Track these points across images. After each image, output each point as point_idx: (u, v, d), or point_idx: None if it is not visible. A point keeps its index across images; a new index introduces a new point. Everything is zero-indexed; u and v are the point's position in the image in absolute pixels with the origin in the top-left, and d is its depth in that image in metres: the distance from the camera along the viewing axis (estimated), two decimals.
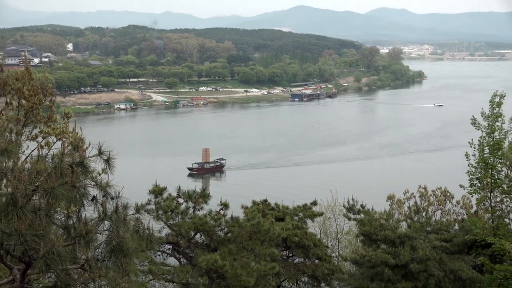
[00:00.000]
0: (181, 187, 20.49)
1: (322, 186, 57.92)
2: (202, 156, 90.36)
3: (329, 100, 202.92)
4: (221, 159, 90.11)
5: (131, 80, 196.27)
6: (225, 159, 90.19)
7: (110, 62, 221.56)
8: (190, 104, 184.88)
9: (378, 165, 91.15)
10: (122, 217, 7.22)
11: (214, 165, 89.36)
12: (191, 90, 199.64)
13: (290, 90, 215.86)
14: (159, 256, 20.54)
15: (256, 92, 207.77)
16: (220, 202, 20.49)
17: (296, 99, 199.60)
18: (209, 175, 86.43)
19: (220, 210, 20.23)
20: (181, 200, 20.33)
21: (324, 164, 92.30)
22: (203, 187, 21.82)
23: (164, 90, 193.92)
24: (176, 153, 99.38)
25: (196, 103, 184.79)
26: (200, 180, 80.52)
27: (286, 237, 21.62)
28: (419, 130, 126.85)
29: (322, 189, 43.60)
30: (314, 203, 25.59)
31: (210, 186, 70.94)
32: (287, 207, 24.57)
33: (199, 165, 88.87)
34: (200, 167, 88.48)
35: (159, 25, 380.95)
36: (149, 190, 20.06)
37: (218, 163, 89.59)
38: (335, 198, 32.85)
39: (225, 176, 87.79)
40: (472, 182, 20.78)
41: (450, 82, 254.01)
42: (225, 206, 20.38)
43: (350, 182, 67.86)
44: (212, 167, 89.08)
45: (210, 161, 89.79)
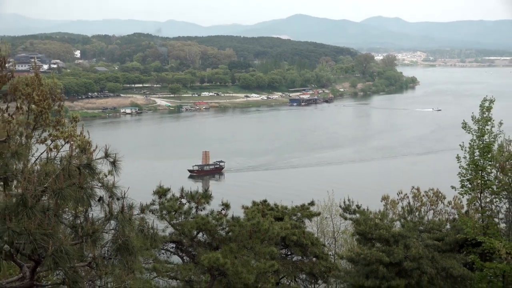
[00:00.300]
0: (184, 188, 20.74)
1: (319, 187, 57.88)
2: (202, 158, 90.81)
3: (326, 105, 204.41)
4: (220, 161, 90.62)
5: (136, 85, 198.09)
6: (224, 162, 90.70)
7: (116, 68, 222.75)
8: (192, 108, 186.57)
9: (373, 167, 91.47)
10: (128, 217, 7.31)
11: (213, 167, 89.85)
12: (194, 95, 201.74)
13: (288, 95, 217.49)
14: (163, 254, 20.65)
15: (256, 97, 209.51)
16: (221, 202, 20.67)
17: (294, 104, 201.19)
18: (209, 177, 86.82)
19: (221, 210, 20.39)
20: (184, 200, 20.49)
21: (321, 166, 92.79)
22: (205, 188, 21.99)
23: (168, 95, 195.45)
24: (178, 155, 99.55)
25: (198, 108, 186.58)
26: (200, 181, 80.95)
27: (285, 236, 21.74)
28: (413, 133, 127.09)
29: (319, 190, 43.94)
30: (312, 204, 25.74)
31: (211, 187, 71.26)
32: (286, 207, 24.68)
33: (199, 167, 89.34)
34: (200, 169, 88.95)
35: (163, 33, 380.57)
36: (153, 191, 20.24)
37: (218, 165, 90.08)
38: (332, 198, 33.45)
39: (224, 177, 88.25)
40: (463, 183, 21.22)
41: (442, 88, 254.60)
42: (226, 206, 20.59)
43: (346, 184, 68.07)
44: (211, 169, 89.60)
45: (210, 163, 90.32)
